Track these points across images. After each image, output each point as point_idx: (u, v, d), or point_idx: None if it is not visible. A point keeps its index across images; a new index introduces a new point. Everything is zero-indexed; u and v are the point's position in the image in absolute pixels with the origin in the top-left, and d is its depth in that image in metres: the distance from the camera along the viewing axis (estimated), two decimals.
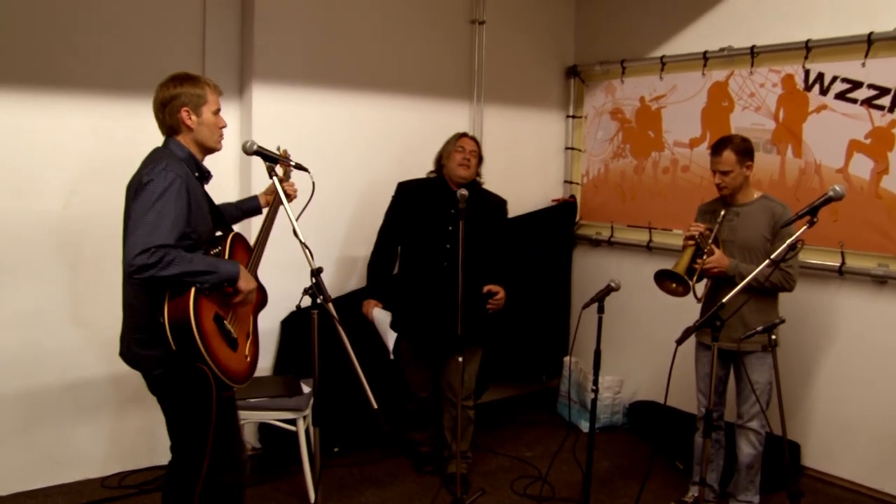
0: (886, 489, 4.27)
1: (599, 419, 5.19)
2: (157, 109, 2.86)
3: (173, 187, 2.62)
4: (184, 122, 2.81)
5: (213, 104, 2.87)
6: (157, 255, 2.52)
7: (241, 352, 2.85)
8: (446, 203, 4.12)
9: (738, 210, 3.82)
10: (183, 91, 2.82)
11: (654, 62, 5.23)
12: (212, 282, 2.66)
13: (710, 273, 3.74)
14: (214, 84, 2.92)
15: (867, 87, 4.21)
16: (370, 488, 4.23)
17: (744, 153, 3.74)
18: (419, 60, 5.03)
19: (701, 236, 3.73)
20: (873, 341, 4.29)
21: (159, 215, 2.58)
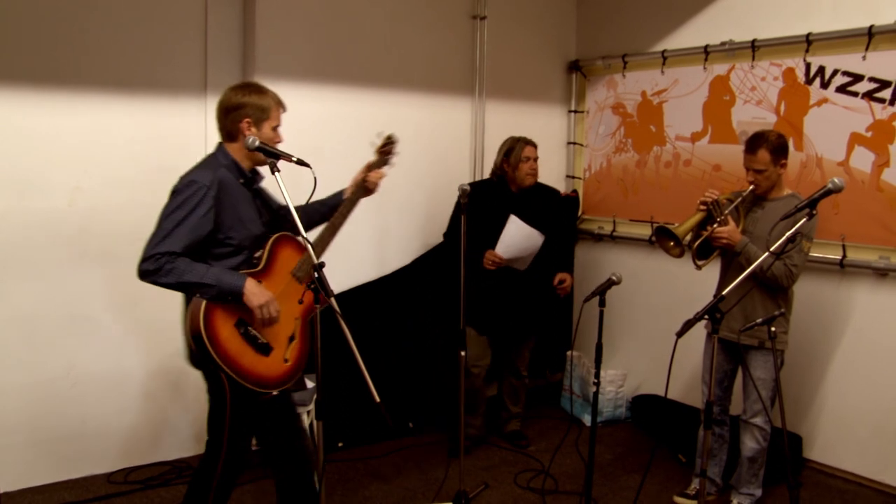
0: (887, 481, 4.28)
1: (602, 413, 5.21)
2: (219, 113, 2.95)
3: (196, 196, 2.73)
4: (242, 133, 2.90)
5: (274, 120, 2.96)
6: (158, 263, 2.68)
7: (276, 356, 2.90)
8: (509, 206, 4.51)
9: (764, 204, 3.81)
10: (249, 102, 2.90)
11: (656, 56, 5.24)
12: (211, 294, 2.73)
13: (717, 242, 3.72)
14: (280, 100, 3.00)
15: (868, 81, 4.21)
16: (374, 482, 4.26)
17: (779, 151, 3.70)
18: (421, 56, 5.04)
19: (715, 203, 3.72)
20: (874, 334, 4.30)
21: (175, 223, 2.71)
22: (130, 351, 4.22)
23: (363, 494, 4.12)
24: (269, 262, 2.92)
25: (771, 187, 3.78)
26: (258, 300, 2.79)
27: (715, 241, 3.72)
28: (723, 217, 3.69)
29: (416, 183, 5.08)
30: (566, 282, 4.69)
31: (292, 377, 2.96)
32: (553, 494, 4.16)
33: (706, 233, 3.72)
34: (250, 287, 2.78)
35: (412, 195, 5.08)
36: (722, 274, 3.96)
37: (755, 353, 3.78)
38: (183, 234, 2.71)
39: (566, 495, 4.15)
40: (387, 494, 4.12)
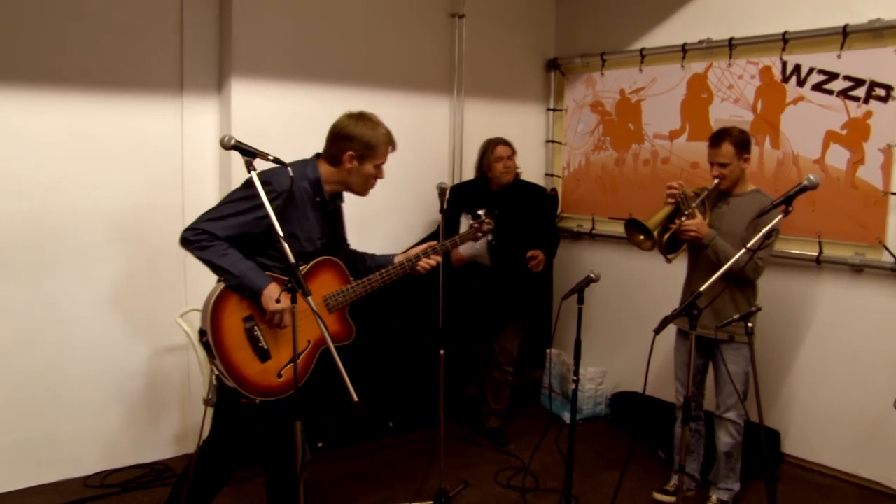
0: (863, 474, 4.33)
1: (582, 410, 5.23)
2: (330, 134, 3.05)
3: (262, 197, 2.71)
4: (342, 162, 2.99)
5: (380, 159, 3.03)
6: (199, 237, 2.81)
7: (271, 366, 2.92)
8: (488, 203, 4.54)
9: (729, 200, 3.84)
10: (360, 135, 2.99)
11: (634, 55, 5.25)
12: (231, 284, 2.83)
13: (685, 235, 3.75)
14: (392, 139, 3.08)
15: (843, 79, 4.25)
16: (354, 482, 4.24)
17: (742, 145, 3.76)
18: (399, 54, 5.03)
19: (683, 196, 3.74)
20: (850, 329, 4.34)
21: (232, 211, 2.83)
22: (107, 353, 4.18)
23: (343, 494, 4.10)
24: (306, 277, 2.96)
25: (735, 182, 3.82)
26: (273, 305, 2.84)
27: (683, 234, 3.75)
28: (690, 210, 3.72)
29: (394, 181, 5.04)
30: (538, 257, 4.71)
31: (279, 394, 2.94)
32: (533, 492, 4.17)
33: (675, 226, 3.74)
34: (271, 291, 2.84)
35: (392, 195, 5.05)
36: (689, 267, 4.00)
37: (726, 347, 3.81)
38: (233, 225, 2.82)
39: (546, 493, 4.16)
40: (366, 494, 4.11)
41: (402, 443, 4.78)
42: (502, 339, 4.89)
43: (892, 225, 4.14)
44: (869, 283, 4.27)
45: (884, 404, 4.02)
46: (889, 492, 4.21)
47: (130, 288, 4.17)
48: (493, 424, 4.96)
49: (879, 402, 4.13)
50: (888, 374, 4.13)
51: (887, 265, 4.14)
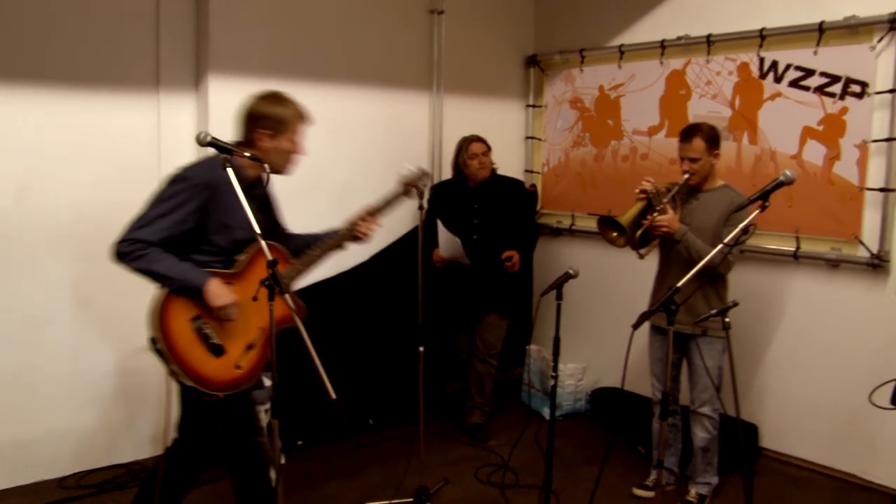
0: (839, 467, 4.38)
1: (562, 406, 5.24)
2: (241, 118, 2.97)
3: (186, 192, 2.76)
4: (257, 142, 2.92)
5: (295, 133, 2.99)
6: (131, 247, 2.73)
7: (227, 360, 2.89)
8: (468, 199, 4.84)
9: (699, 195, 3.86)
10: (270, 113, 2.93)
11: (613, 51, 5.26)
12: (173, 288, 2.77)
13: (657, 231, 3.76)
14: (304, 112, 3.05)
15: (819, 75, 4.27)
16: (334, 480, 4.23)
17: (713, 141, 3.79)
18: (378, 50, 5.01)
19: (655, 192, 3.76)
20: (827, 323, 4.38)
21: (159, 213, 2.76)
22: (82, 352, 4.14)
23: (323, 492, 4.09)
24: (247, 266, 2.93)
25: (705, 178, 3.84)
26: (219, 301, 2.81)
27: (655, 229, 3.76)
28: (662, 206, 3.73)
29: (373, 178, 5.03)
30: (513, 258, 4.76)
31: (241, 385, 2.94)
32: (514, 489, 4.17)
33: (647, 222, 3.75)
34: (213, 287, 2.80)
35: (370, 190, 5.00)
36: (661, 263, 4.02)
37: (699, 341, 3.82)
38: (163, 227, 2.75)
39: (527, 489, 4.16)
40: (347, 492, 4.10)
41: (382, 440, 4.77)
42: (484, 331, 4.93)
43: (867, 220, 4.18)
44: (845, 278, 4.30)
45: (859, 398, 4.04)
46: (864, 484, 4.25)
47: (106, 286, 4.12)
48: (476, 420, 4.98)
49: (855, 395, 4.16)
50: (864, 368, 4.16)
51: (863, 260, 4.18)
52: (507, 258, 4.76)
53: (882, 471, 4.19)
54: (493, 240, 4.80)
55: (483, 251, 4.79)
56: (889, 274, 4.13)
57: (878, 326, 4.15)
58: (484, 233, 4.82)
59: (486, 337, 4.93)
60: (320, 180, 4.79)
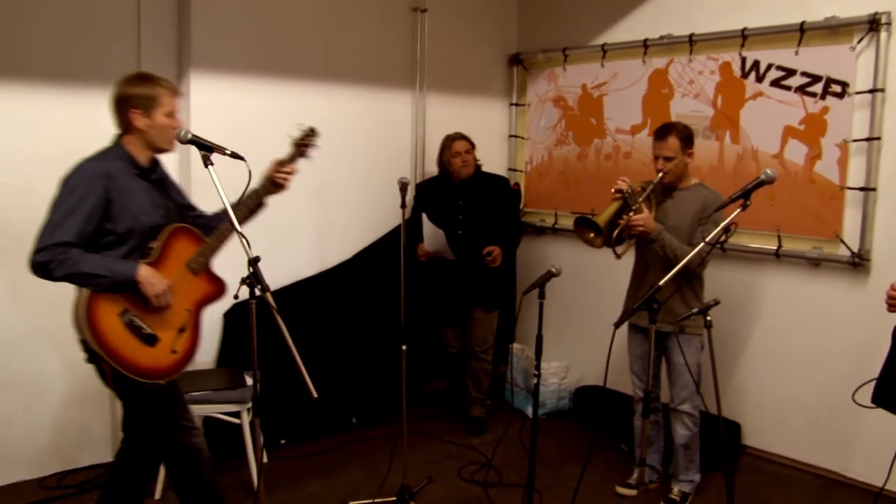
0: (821, 464, 4.41)
1: (546, 405, 5.25)
2: (112, 107, 2.91)
3: (84, 184, 2.72)
4: (133, 124, 2.86)
5: (166, 106, 2.89)
6: (51, 255, 2.65)
7: (163, 347, 2.88)
8: (453, 196, 4.89)
9: (673, 194, 3.89)
10: (134, 93, 2.86)
11: (596, 50, 5.27)
12: (105, 285, 2.72)
13: (633, 230, 3.77)
14: (170, 85, 2.94)
15: (800, 75, 4.30)
16: (317, 479, 4.22)
17: (687, 140, 3.82)
18: (361, 49, 4.99)
19: (630, 192, 3.77)
20: (808, 322, 4.40)
21: (66, 213, 2.69)
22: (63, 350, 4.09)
23: (306, 491, 4.08)
24: (162, 252, 2.88)
25: (679, 177, 3.86)
26: (155, 289, 2.78)
27: (631, 229, 3.77)
28: (637, 205, 3.75)
29: (356, 177, 5.05)
30: (493, 253, 4.79)
31: (179, 369, 2.95)
32: (497, 487, 4.17)
33: (623, 222, 3.76)
34: (146, 275, 2.77)
35: (353, 189, 5.04)
36: (637, 261, 4.03)
37: (677, 338, 3.83)
38: (74, 224, 2.69)
39: (510, 487, 4.17)
40: (330, 490, 4.09)
41: (365, 439, 4.76)
42: (474, 327, 4.98)
43: (848, 219, 4.21)
44: (826, 277, 4.33)
45: (841, 395, 4.07)
46: (846, 481, 4.28)
47: None
48: (477, 413, 5.06)
49: (837, 393, 4.20)
50: (845, 366, 4.19)
51: (844, 259, 4.21)
52: (487, 253, 4.79)
53: (862, 467, 4.23)
54: (477, 236, 4.82)
55: (468, 247, 4.82)
56: (869, 273, 4.16)
57: (858, 325, 4.17)
58: (468, 229, 4.84)
59: (478, 333, 4.98)
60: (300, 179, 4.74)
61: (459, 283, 4.90)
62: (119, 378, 2.81)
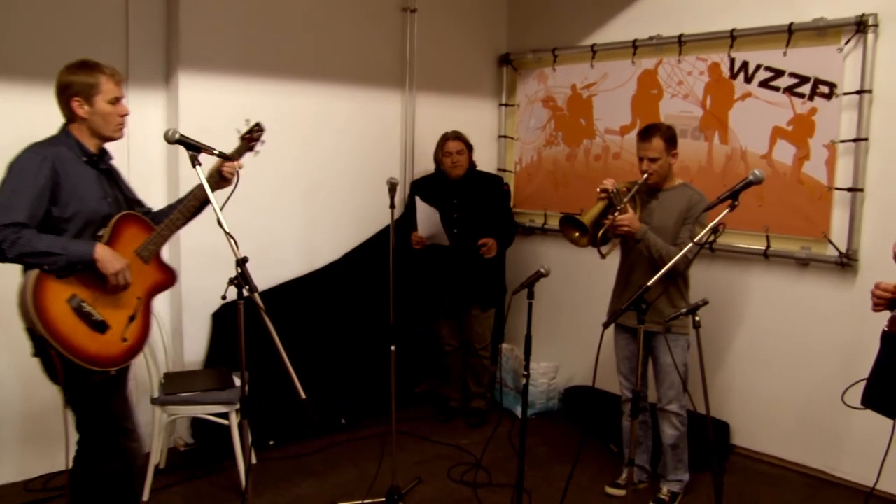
0: (809, 463, 4.43)
1: (535, 405, 5.25)
2: (56, 97, 2.89)
3: (32, 166, 2.69)
4: (75, 112, 2.84)
5: (108, 93, 2.87)
6: (3, 234, 2.60)
7: (113, 335, 2.83)
8: (448, 194, 4.92)
9: (658, 195, 3.89)
10: (75, 80, 2.84)
11: (585, 50, 5.28)
12: (60, 264, 2.67)
13: (619, 231, 3.77)
14: (113, 72, 2.92)
15: (789, 76, 4.31)
16: (307, 480, 4.21)
17: (671, 140, 3.83)
18: (350, 48, 4.98)
19: (615, 192, 3.77)
20: (797, 321, 4.42)
21: (14, 193, 2.65)
22: None
23: (295, 493, 4.06)
24: (111, 239, 2.83)
25: (664, 177, 3.87)
26: (113, 266, 2.74)
27: (616, 229, 3.77)
28: (623, 205, 3.75)
29: (345, 176, 5.04)
30: (488, 244, 4.83)
31: (130, 357, 2.90)
32: (486, 487, 4.17)
33: (608, 222, 3.76)
34: (103, 253, 2.73)
35: (342, 189, 5.03)
36: (622, 262, 4.04)
37: (664, 338, 3.83)
38: (25, 203, 2.65)
39: (500, 488, 4.16)
40: (319, 492, 4.08)
41: (354, 439, 4.75)
42: (473, 325, 5.07)
43: (836, 219, 4.22)
44: (815, 277, 4.35)
45: (829, 395, 4.09)
46: (834, 480, 4.30)
47: None
48: (478, 405, 5.19)
49: (825, 392, 4.22)
50: (833, 366, 4.21)
51: (832, 259, 4.22)
52: (482, 244, 4.82)
53: (850, 467, 4.24)
54: (472, 233, 4.86)
55: (463, 244, 4.85)
56: (857, 273, 4.18)
57: (846, 325, 4.19)
58: (463, 226, 4.87)
59: (477, 330, 5.08)
60: (290, 178, 4.77)
61: (455, 279, 4.95)
62: (69, 370, 2.74)
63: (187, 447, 4.47)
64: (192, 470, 4.23)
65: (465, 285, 4.96)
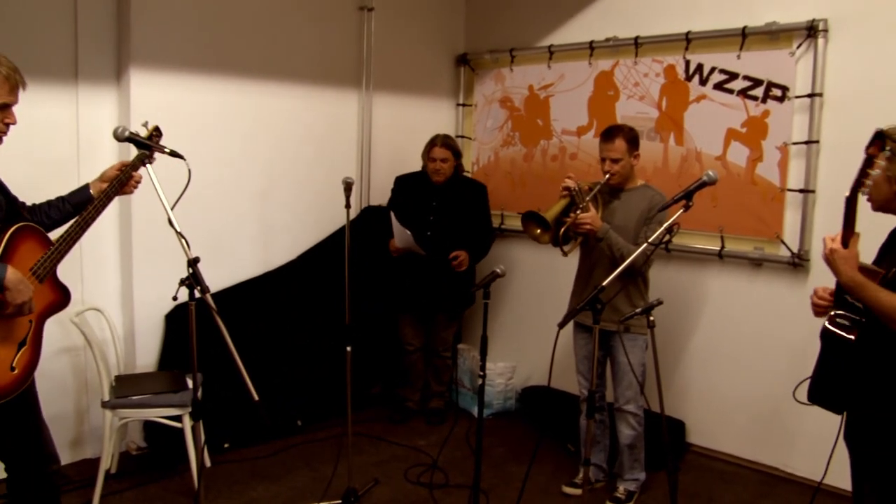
0: (763, 460, 4.49)
1: (493, 405, 5.25)
2: None
3: None
4: None
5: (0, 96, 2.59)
6: None
7: (1, 364, 2.53)
8: (427, 196, 4.92)
9: (620, 195, 3.92)
10: None
11: (543, 51, 5.29)
12: None
13: (580, 229, 3.80)
14: (10, 73, 2.64)
15: (742, 79, 4.37)
16: (262, 483, 4.15)
17: (633, 142, 3.87)
18: (307, 47, 4.93)
19: (578, 190, 3.80)
20: (750, 321, 4.48)
21: None
22: None
23: (250, 496, 4.01)
24: (5, 254, 2.50)
25: (625, 178, 3.91)
26: (22, 296, 2.46)
27: (578, 227, 3.80)
28: (585, 203, 3.78)
29: (302, 176, 4.99)
30: (460, 257, 4.85)
31: (18, 388, 2.57)
32: (443, 488, 4.15)
33: (569, 220, 3.79)
34: (15, 280, 2.43)
35: (298, 188, 4.98)
36: (582, 261, 4.06)
37: (622, 338, 3.87)
38: None
39: (456, 488, 4.15)
40: (274, 495, 4.03)
41: (311, 441, 4.70)
42: (438, 329, 5.13)
43: (788, 220, 4.29)
44: (768, 276, 4.41)
45: (782, 393, 4.13)
46: (787, 476, 4.36)
47: None
48: (436, 405, 5.22)
49: (778, 390, 4.27)
50: (786, 364, 4.27)
51: (784, 259, 4.28)
52: (454, 257, 4.85)
53: (802, 463, 4.31)
54: (446, 239, 4.88)
55: (435, 249, 4.86)
56: (809, 273, 4.24)
57: (798, 323, 4.24)
58: (437, 231, 4.88)
59: (441, 335, 5.15)
60: (246, 177, 4.71)
61: (425, 285, 4.95)
62: None
63: (140, 451, 4.38)
64: (145, 474, 4.15)
65: (434, 292, 4.96)
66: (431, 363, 5.23)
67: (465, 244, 4.91)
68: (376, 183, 5.37)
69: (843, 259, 2.48)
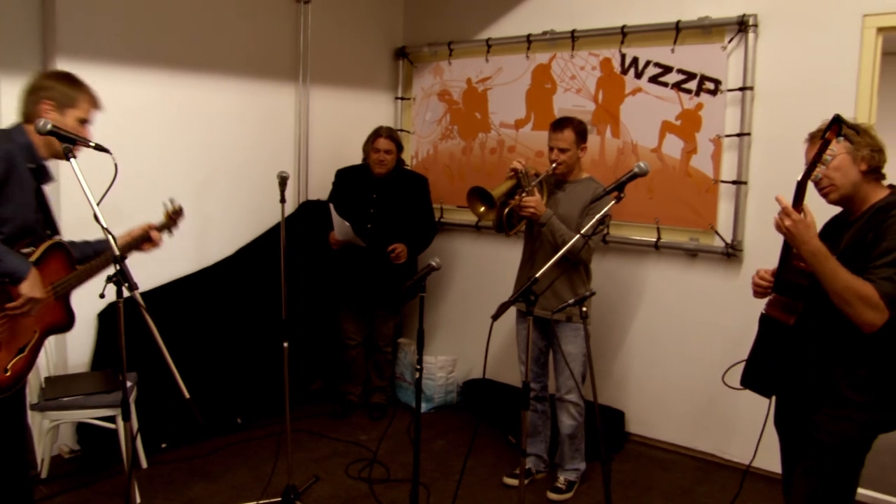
0: (700, 447, 4.58)
1: (434, 399, 5.25)
2: (24, 93, 2.73)
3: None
4: (41, 114, 2.67)
5: (81, 112, 2.77)
6: None
7: None
8: (368, 188, 4.93)
9: (565, 186, 3.96)
10: (56, 86, 2.72)
11: (481, 44, 5.29)
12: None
13: (524, 212, 3.85)
14: (96, 97, 2.84)
15: (676, 72, 4.43)
16: (200, 482, 4.08)
17: (582, 134, 3.93)
18: (241, 39, 4.85)
19: (524, 172, 3.84)
20: (686, 310, 4.55)
21: None
22: None
23: (188, 496, 3.94)
24: (37, 264, 2.64)
25: (571, 169, 3.96)
26: (34, 293, 2.57)
27: (522, 209, 3.84)
28: (530, 188, 3.82)
29: (237, 171, 4.91)
30: (397, 250, 4.83)
31: (7, 390, 2.63)
32: (384, 483, 4.14)
33: (514, 202, 3.83)
34: (34, 278, 2.56)
35: (234, 184, 4.90)
36: (525, 248, 4.09)
37: (564, 328, 3.91)
38: None
39: (397, 483, 4.14)
40: (213, 494, 3.96)
41: (250, 439, 4.64)
42: (378, 324, 5.14)
43: (722, 211, 4.37)
44: (703, 267, 4.48)
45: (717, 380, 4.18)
46: (723, 462, 4.45)
47: None
48: (378, 400, 5.22)
49: (713, 378, 4.32)
50: (722, 352, 4.34)
51: (718, 250, 4.37)
52: (391, 250, 4.82)
53: (737, 449, 4.40)
54: (386, 232, 4.86)
55: (375, 242, 4.83)
56: (742, 262, 4.33)
57: (732, 312, 4.34)
58: (378, 224, 4.87)
59: (382, 330, 5.15)
60: (180, 172, 4.60)
61: (365, 279, 4.94)
62: None
63: (73, 454, 4.27)
64: (78, 478, 4.04)
65: (374, 286, 4.94)
66: (372, 358, 5.22)
67: (407, 237, 4.89)
68: (315, 177, 5.32)
69: (808, 227, 2.42)
